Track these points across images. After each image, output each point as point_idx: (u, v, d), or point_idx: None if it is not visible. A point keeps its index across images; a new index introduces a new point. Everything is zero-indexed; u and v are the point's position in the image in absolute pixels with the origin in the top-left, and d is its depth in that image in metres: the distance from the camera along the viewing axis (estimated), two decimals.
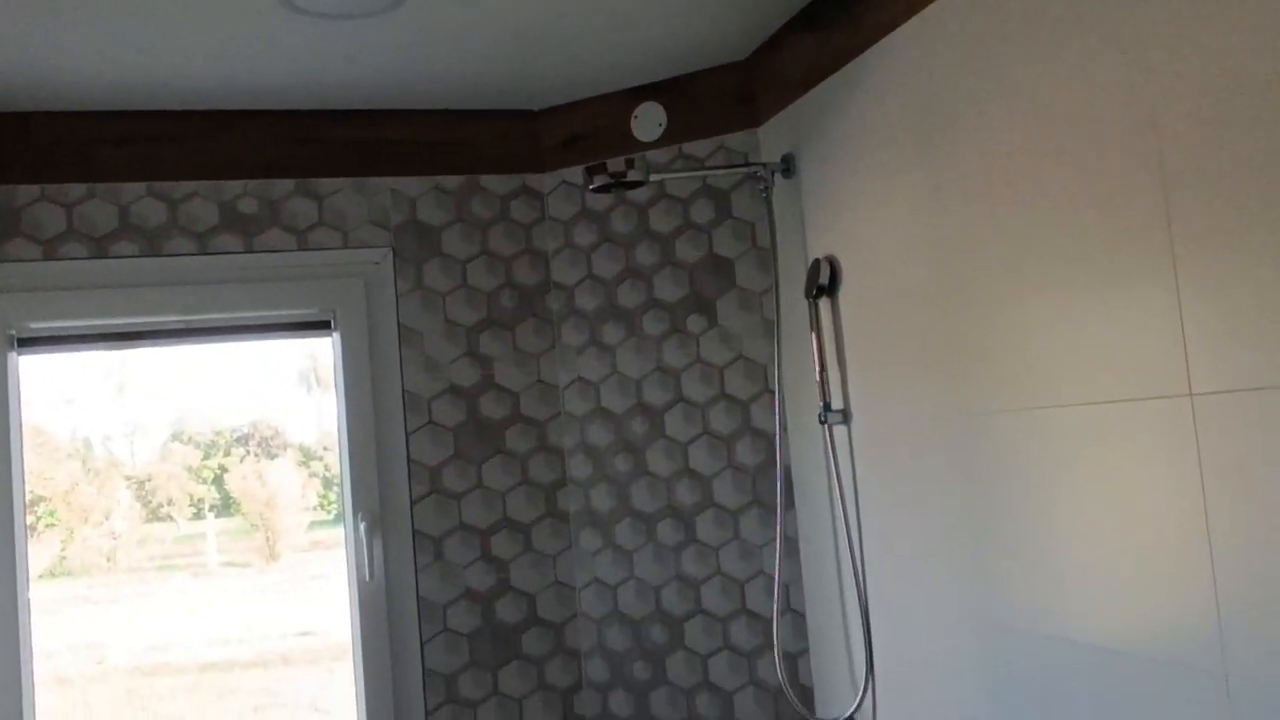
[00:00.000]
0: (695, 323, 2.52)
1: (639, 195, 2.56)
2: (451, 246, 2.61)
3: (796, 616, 2.43)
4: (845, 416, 2.21)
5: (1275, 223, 1.28)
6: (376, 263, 2.57)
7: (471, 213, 2.63)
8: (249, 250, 2.49)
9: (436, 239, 2.60)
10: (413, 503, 2.54)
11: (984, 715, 1.83)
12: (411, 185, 2.60)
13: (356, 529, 2.52)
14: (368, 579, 2.50)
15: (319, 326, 2.58)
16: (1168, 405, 1.44)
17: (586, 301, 2.61)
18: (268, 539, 9.79)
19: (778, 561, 2.33)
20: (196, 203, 2.47)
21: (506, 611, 2.56)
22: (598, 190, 2.30)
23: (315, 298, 2.55)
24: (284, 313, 2.55)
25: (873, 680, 2.15)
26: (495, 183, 2.65)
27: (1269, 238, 1.28)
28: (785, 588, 2.43)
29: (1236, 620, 1.35)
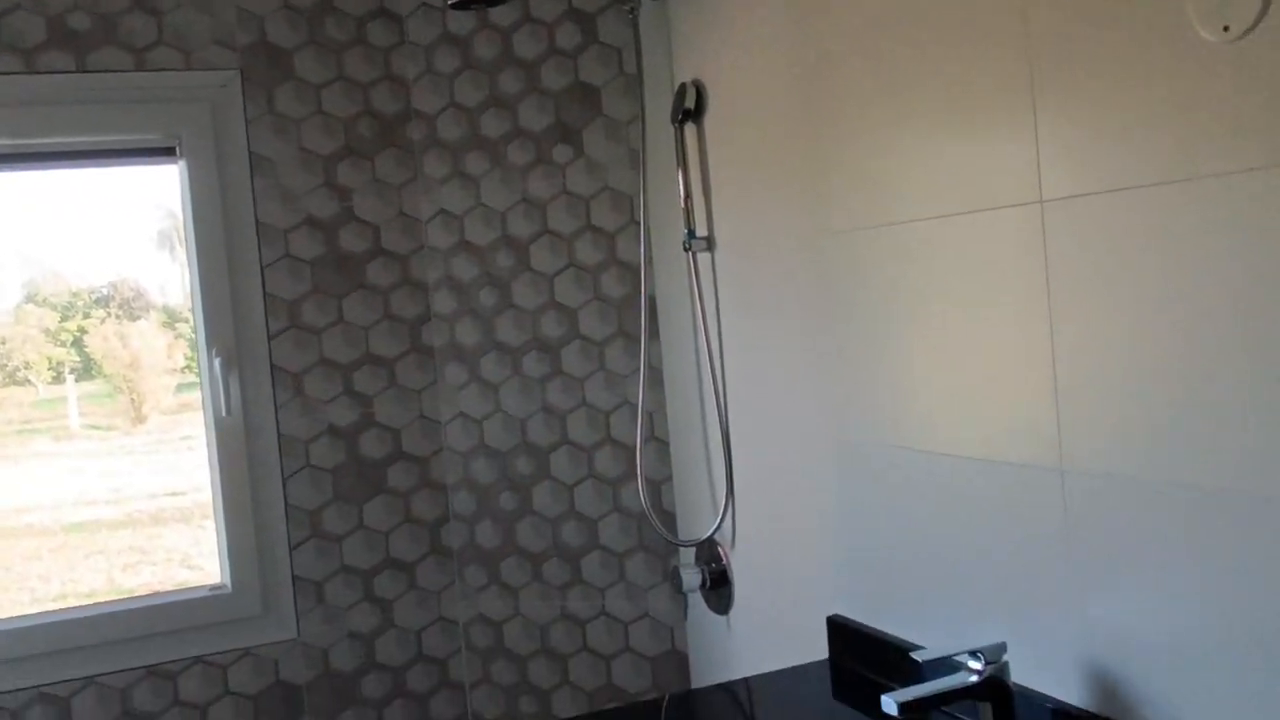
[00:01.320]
0: (561, 153, 2.46)
1: (502, 19, 2.46)
2: (305, 70, 2.49)
3: (660, 444, 2.46)
4: (709, 243, 2.21)
5: (1131, 23, 1.28)
6: (223, 86, 2.44)
7: (326, 35, 2.50)
8: (82, 70, 2.33)
9: (288, 62, 2.47)
10: (270, 338, 2.47)
11: (836, 509, 1.88)
12: (259, 3, 2.45)
13: (211, 365, 2.44)
14: (225, 415, 2.44)
15: (162, 153, 2.44)
16: (1019, 213, 1.46)
17: (449, 131, 2.53)
18: (133, 401, 9.53)
19: (641, 391, 2.34)
20: (20, 16, 2.29)
21: (370, 446, 2.53)
22: (456, 7, 2.20)
23: (157, 122, 2.41)
24: (123, 137, 2.41)
25: (732, 501, 2.19)
26: (351, 3, 2.51)
27: (1124, 39, 1.29)
28: (649, 416, 2.45)
29: (1073, 421, 1.40)
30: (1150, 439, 1.29)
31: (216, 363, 2.43)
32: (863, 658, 1.82)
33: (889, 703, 1.40)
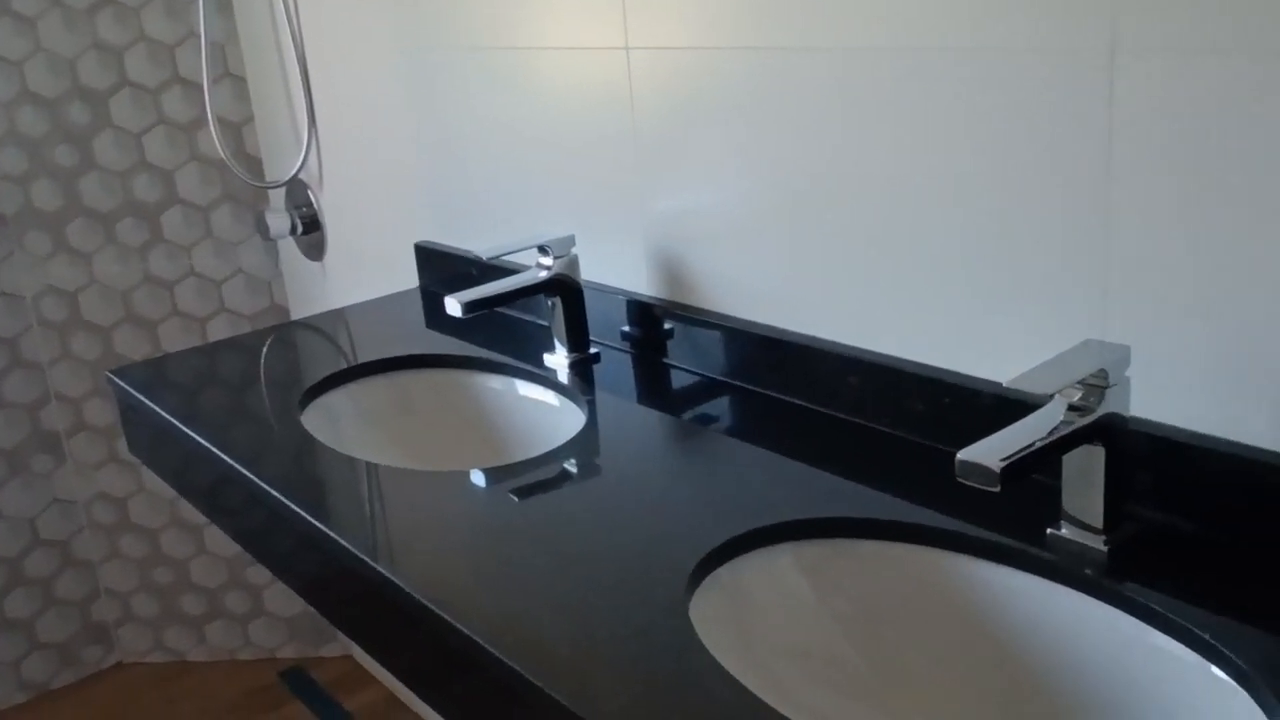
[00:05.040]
0: None
1: None
2: None
3: (236, 81, 2.19)
4: None
5: None
6: None
7: None
8: None
9: None
10: None
11: (415, 129, 1.75)
12: None
13: None
14: None
15: None
16: None
17: None
18: None
19: (203, 18, 2.04)
20: None
21: None
22: None
23: None
24: None
25: (316, 136, 2.00)
26: None
27: None
28: (219, 49, 2.17)
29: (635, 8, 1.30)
30: (712, 5, 1.21)
31: None
32: (449, 281, 1.74)
33: (451, 304, 1.33)
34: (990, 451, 0.78)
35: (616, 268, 1.45)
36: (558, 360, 1.41)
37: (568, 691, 0.77)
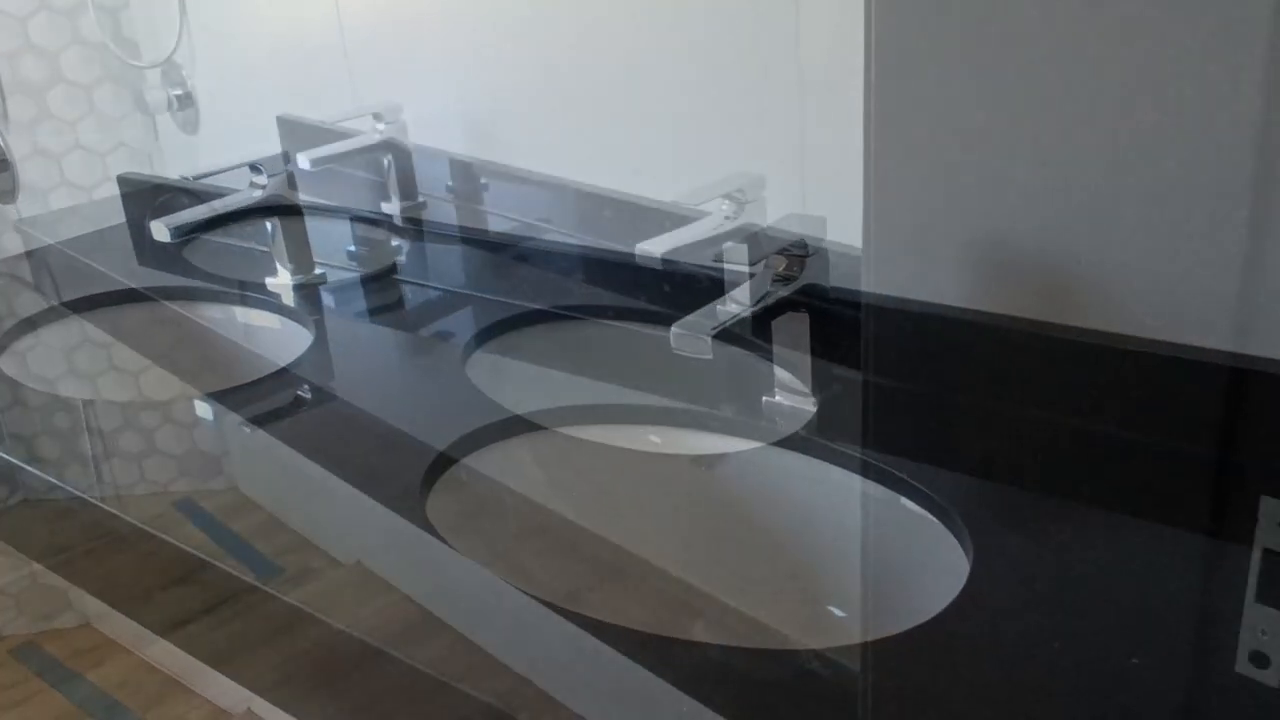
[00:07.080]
0: None
1: None
2: None
3: None
4: None
5: None
6: None
7: None
8: None
9: None
10: None
11: (104, 57, 1.63)
12: None
13: None
14: None
15: None
16: None
17: None
18: None
19: None
20: None
21: None
22: None
23: None
24: None
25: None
26: None
27: None
28: None
29: None
30: None
31: None
32: (159, 212, 1.65)
33: (158, 229, 1.26)
34: (699, 322, 0.82)
35: (339, 185, 1.41)
36: (281, 283, 1.36)
37: (301, 595, 0.76)
